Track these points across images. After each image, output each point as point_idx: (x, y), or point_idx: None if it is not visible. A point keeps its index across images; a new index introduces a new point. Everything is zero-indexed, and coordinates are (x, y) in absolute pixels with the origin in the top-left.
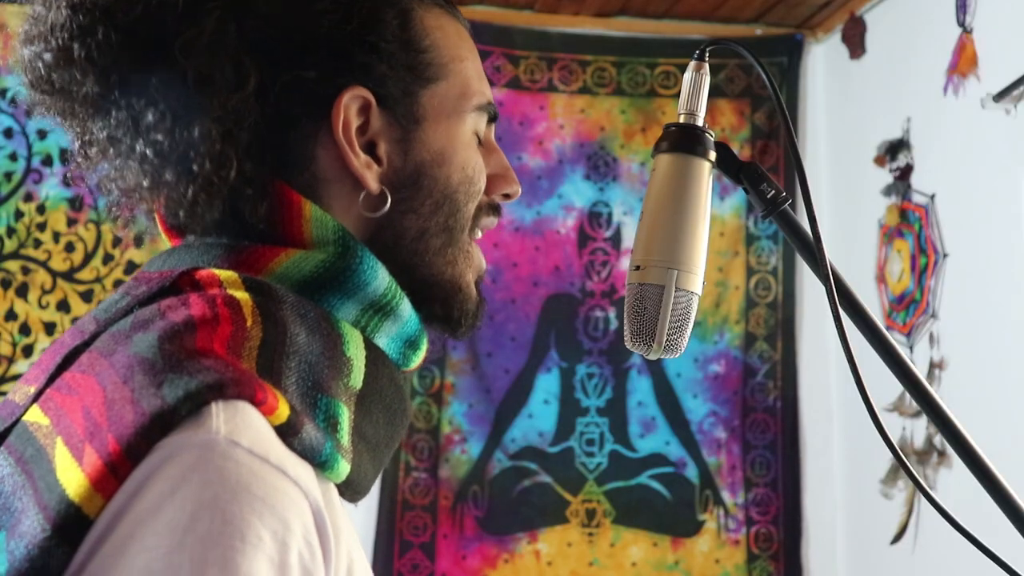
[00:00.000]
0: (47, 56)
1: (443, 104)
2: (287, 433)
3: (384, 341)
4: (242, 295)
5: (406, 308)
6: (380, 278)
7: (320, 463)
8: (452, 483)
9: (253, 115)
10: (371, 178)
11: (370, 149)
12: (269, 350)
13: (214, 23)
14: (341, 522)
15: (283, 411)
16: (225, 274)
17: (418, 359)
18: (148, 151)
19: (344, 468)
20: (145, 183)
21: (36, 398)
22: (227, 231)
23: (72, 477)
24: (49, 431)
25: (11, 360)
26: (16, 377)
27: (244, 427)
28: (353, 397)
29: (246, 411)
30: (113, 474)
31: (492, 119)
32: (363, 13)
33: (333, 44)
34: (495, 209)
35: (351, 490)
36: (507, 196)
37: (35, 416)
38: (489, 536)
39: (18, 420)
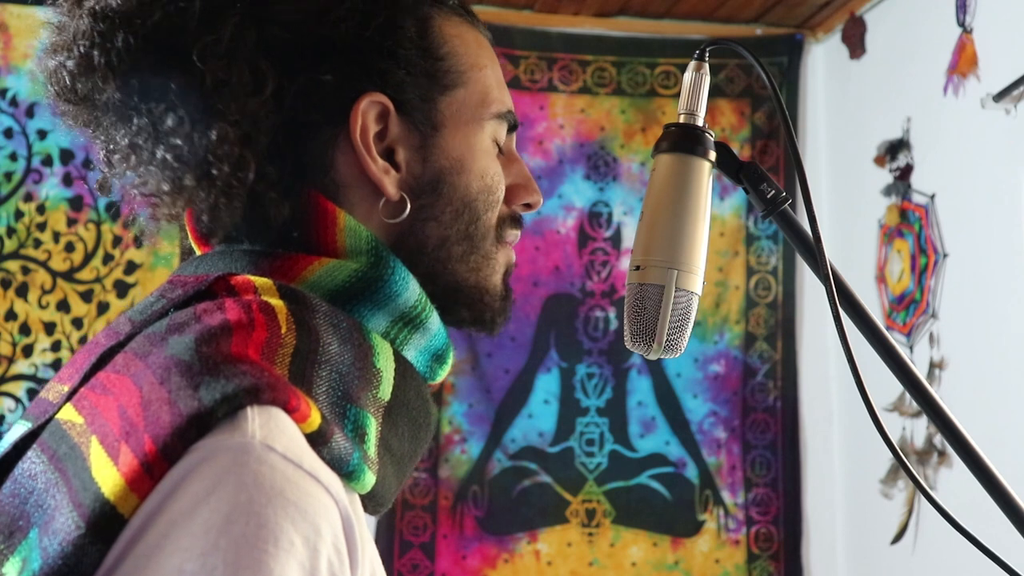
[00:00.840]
0: (69, 64)
1: (462, 111)
2: (317, 442)
3: (412, 354)
4: (277, 302)
5: (435, 321)
6: (411, 290)
7: (347, 473)
8: (452, 483)
9: (271, 119)
10: (389, 184)
11: (388, 155)
12: (302, 358)
13: (233, 29)
14: (365, 532)
15: (315, 419)
16: (260, 281)
17: (443, 373)
18: (168, 156)
19: (370, 479)
20: (166, 188)
21: (70, 397)
22: (259, 238)
23: (107, 475)
24: (83, 429)
25: (11, 360)
26: (16, 377)
27: (279, 432)
28: (381, 409)
29: (280, 417)
30: (149, 474)
31: (512, 128)
32: (381, 20)
33: (351, 50)
34: (517, 221)
35: (374, 502)
36: (528, 206)
37: (69, 415)
38: (489, 536)
39: (51, 418)
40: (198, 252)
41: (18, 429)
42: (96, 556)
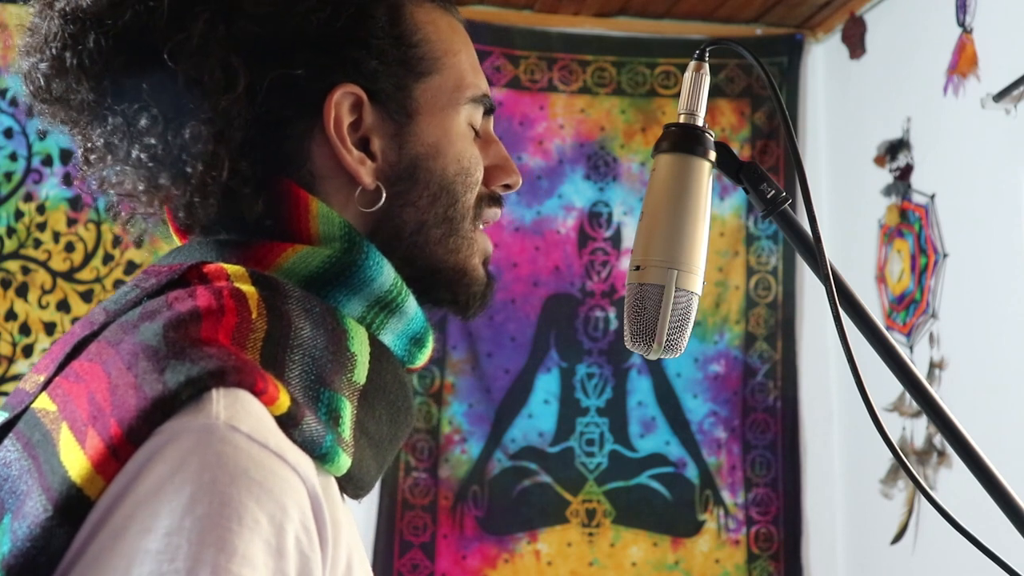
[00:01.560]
0: (43, 66)
1: (437, 97)
2: (288, 424)
3: (390, 338)
4: (248, 288)
5: (412, 305)
6: (386, 274)
7: (320, 455)
8: (452, 483)
9: (244, 116)
10: (365, 174)
11: (364, 145)
12: (273, 343)
13: (202, 26)
14: (341, 516)
15: (284, 402)
16: (232, 268)
17: (424, 357)
18: (143, 155)
19: (345, 461)
20: (141, 187)
21: (45, 386)
22: (235, 228)
23: (75, 459)
24: (56, 416)
25: (11, 360)
26: (16, 377)
27: (244, 414)
28: (356, 392)
29: (246, 399)
30: (114, 456)
31: (488, 111)
32: (352, 10)
33: (322, 42)
34: (496, 200)
35: (353, 485)
36: (507, 187)
37: (43, 403)
38: (489, 536)
39: (27, 407)
40: (178, 243)
41: None
42: (64, 538)
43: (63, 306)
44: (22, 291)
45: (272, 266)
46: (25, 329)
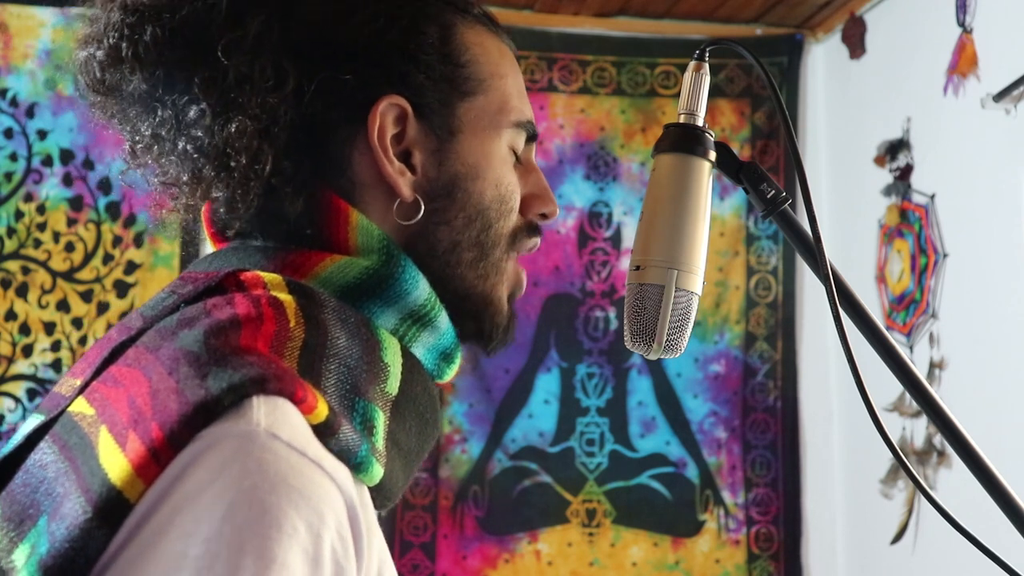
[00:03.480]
0: (99, 55)
1: (480, 118)
2: (325, 433)
3: (421, 351)
4: (286, 297)
5: (444, 320)
6: (421, 288)
7: (355, 464)
8: (452, 483)
9: (290, 116)
10: (404, 185)
11: (405, 158)
12: (310, 351)
13: (258, 26)
14: (373, 525)
15: (322, 410)
16: (269, 276)
17: (451, 372)
18: (189, 147)
19: (378, 471)
20: (185, 177)
21: (82, 390)
22: (272, 234)
23: (115, 462)
24: (94, 420)
25: (11, 360)
26: (16, 377)
27: (283, 421)
28: (389, 403)
29: (286, 407)
30: (155, 460)
31: (531, 138)
32: (404, 24)
33: (373, 52)
34: (535, 230)
35: (381, 496)
36: (544, 216)
37: (80, 407)
38: (489, 536)
39: (63, 411)
40: (213, 249)
41: (32, 422)
42: (102, 540)
43: (63, 306)
44: (22, 291)
45: (309, 275)
46: (25, 329)
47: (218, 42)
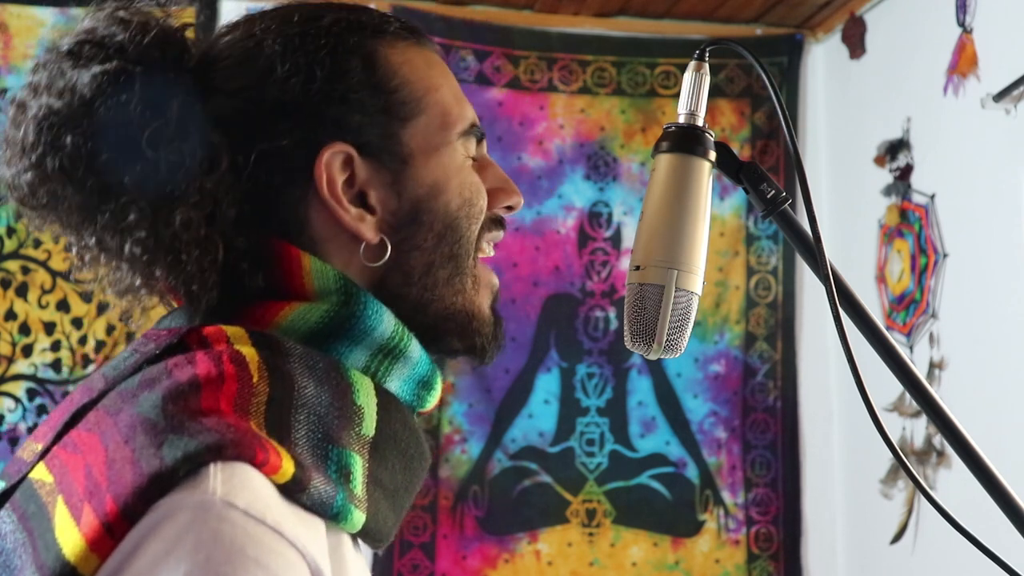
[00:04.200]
0: (27, 177)
1: (427, 139)
2: (294, 490)
3: (396, 385)
4: (248, 350)
5: (415, 349)
6: (386, 322)
7: (332, 515)
8: (452, 483)
9: (232, 193)
10: (367, 229)
11: (361, 199)
12: (277, 405)
13: (177, 109)
14: (350, 572)
15: (288, 469)
16: (232, 330)
17: (434, 399)
18: (136, 250)
19: (359, 518)
20: (139, 283)
21: (43, 455)
22: (231, 289)
23: (69, 537)
24: (52, 489)
25: (11, 360)
26: (16, 377)
27: (241, 488)
28: (366, 445)
29: (245, 472)
30: (109, 534)
31: (480, 139)
32: (326, 69)
33: (302, 106)
34: (498, 222)
35: (371, 538)
36: (509, 208)
37: (40, 474)
38: (489, 536)
39: (24, 477)
40: (173, 304)
41: None
42: None
43: (63, 306)
44: (22, 291)
45: (271, 324)
46: (25, 329)
47: (141, 135)
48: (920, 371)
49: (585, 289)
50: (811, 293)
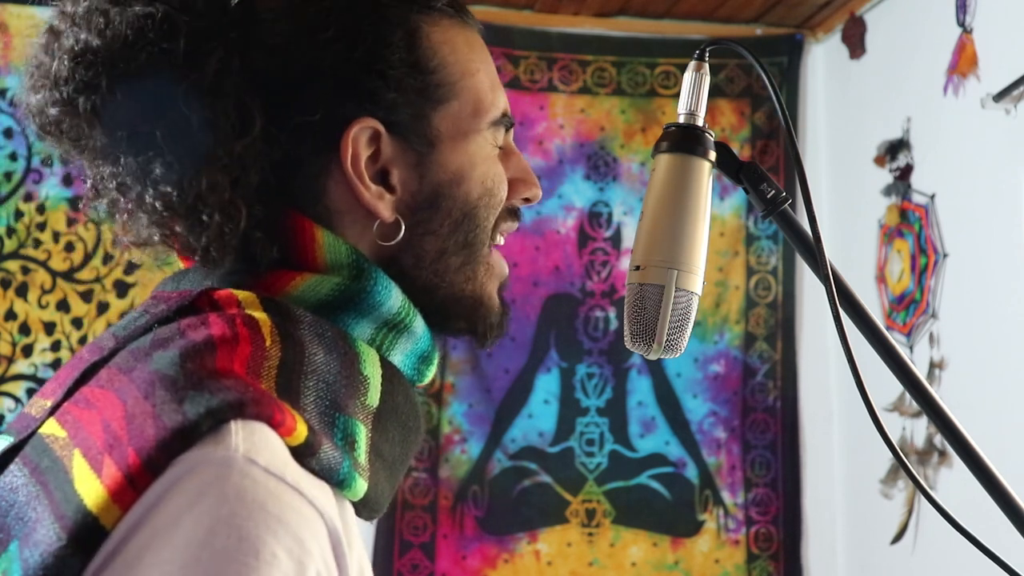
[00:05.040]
0: (53, 110)
1: (457, 124)
2: (305, 453)
3: (399, 358)
4: (260, 315)
5: (419, 324)
6: (394, 298)
7: (338, 482)
8: (452, 483)
9: (260, 160)
10: (384, 208)
11: (383, 177)
12: (288, 370)
13: (216, 63)
14: (354, 541)
15: (301, 432)
16: (243, 294)
17: (431, 373)
18: (158, 203)
19: (362, 486)
20: (156, 237)
21: (53, 411)
22: (242, 256)
23: (90, 488)
24: (66, 443)
25: (11, 360)
26: (16, 377)
27: (262, 446)
28: (370, 415)
29: (264, 431)
30: (132, 486)
31: (509, 128)
32: (369, 38)
33: (339, 74)
34: (514, 213)
35: (368, 508)
36: (527, 200)
37: (51, 429)
38: (489, 536)
39: (34, 432)
40: (182, 266)
41: (0, 443)
42: (77, 568)
43: (63, 306)
44: (22, 291)
45: (281, 293)
46: (25, 329)
47: (178, 88)
48: (920, 371)
49: (585, 289)
50: (811, 293)
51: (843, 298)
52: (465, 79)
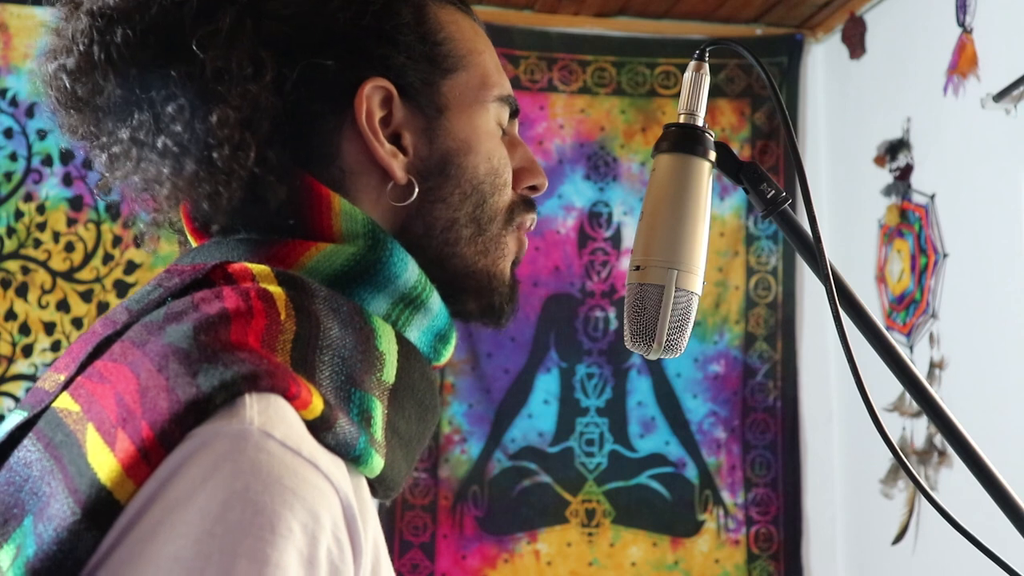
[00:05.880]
0: (69, 63)
1: (464, 94)
2: (320, 427)
3: (415, 335)
4: (275, 289)
5: (436, 301)
6: (410, 270)
7: (354, 457)
8: (452, 483)
9: (272, 105)
10: (398, 167)
11: (395, 140)
12: (303, 344)
13: (231, 18)
14: (369, 516)
15: (317, 405)
16: (257, 268)
17: (448, 353)
18: (169, 142)
19: (378, 462)
20: (167, 172)
21: (66, 386)
22: (255, 226)
23: (104, 461)
24: (80, 417)
25: (11, 360)
26: (16, 377)
27: (277, 419)
28: (386, 392)
29: (279, 404)
30: (145, 460)
31: (514, 113)
32: (378, 8)
33: (350, 38)
34: (529, 204)
35: (384, 486)
36: (533, 188)
37: (65, 403)
38: (489, 536)
39: (47, 407)
40: (194, 244)
41: (14, 418)
42: (91, 542)
43: (63, 306)
44: (22, 291)
45: (295, 265)
46: (25, 329)
47: (191, 37)
48: (920, 371)
49: (585, 289)
50: (811, 293)
51: (843, 298)
52: (472, 55)
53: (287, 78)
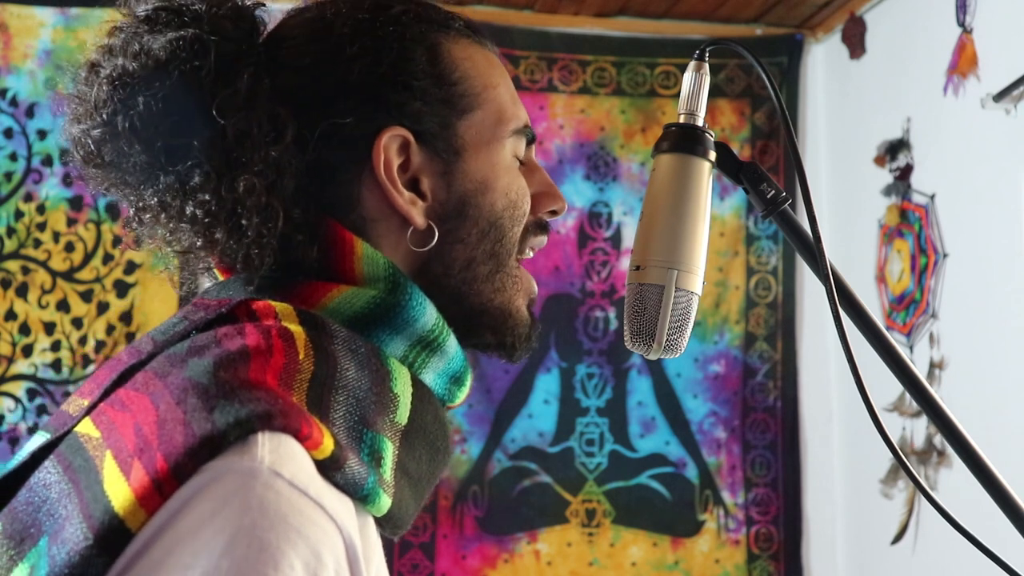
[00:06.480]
0: (95, 133)
1: (481, 133)
2: (330, 467)
3: (430, 377)
4: (296, 328)
5: (452, 344)
6: (428, 314)
7: (362, 497)
8: (452, 483)
9: (295, 165)
10: (417, 214)
11: (413, 185)
12: (319, 383)
13: (248, 81)
14: (373, 554)
15: (328, 446)
16: (281, 306)
17: (462, 395)
18: (198, 212)
19: (386, 502)
20: (199, 243)
21: (89, 411)
22: (280, 266)
23: (118, 490)
24: (99, 443)
25: (11, 360)
26: (16, 377)
27: (287, 459)
28: (398, 433)
29: (290, 444)
30: (158, 491)
31: (531, 141)
32: (392, 54)
33: (366, 88)
34: (542, 227)
35: (391, 524)
36: (553, 213)
37: (87, 428)
38: (489, 536)
39: (70, 430)
40: (220, 278)
41: (37, 439)
42: (101, 568)
43: (63, 306)
44: (22, 291)
45: (318, 305)
46: (25, 329)
47: (211, 102)
48: (920, 371)
49: (585, 289)
50: (811, 293)
51: (843, 298)
52: (487, 91)
53: (307, 135)
